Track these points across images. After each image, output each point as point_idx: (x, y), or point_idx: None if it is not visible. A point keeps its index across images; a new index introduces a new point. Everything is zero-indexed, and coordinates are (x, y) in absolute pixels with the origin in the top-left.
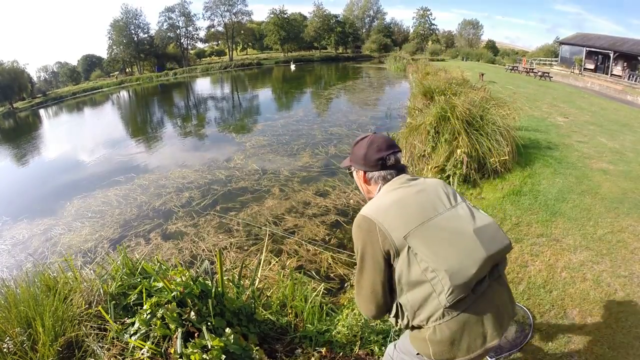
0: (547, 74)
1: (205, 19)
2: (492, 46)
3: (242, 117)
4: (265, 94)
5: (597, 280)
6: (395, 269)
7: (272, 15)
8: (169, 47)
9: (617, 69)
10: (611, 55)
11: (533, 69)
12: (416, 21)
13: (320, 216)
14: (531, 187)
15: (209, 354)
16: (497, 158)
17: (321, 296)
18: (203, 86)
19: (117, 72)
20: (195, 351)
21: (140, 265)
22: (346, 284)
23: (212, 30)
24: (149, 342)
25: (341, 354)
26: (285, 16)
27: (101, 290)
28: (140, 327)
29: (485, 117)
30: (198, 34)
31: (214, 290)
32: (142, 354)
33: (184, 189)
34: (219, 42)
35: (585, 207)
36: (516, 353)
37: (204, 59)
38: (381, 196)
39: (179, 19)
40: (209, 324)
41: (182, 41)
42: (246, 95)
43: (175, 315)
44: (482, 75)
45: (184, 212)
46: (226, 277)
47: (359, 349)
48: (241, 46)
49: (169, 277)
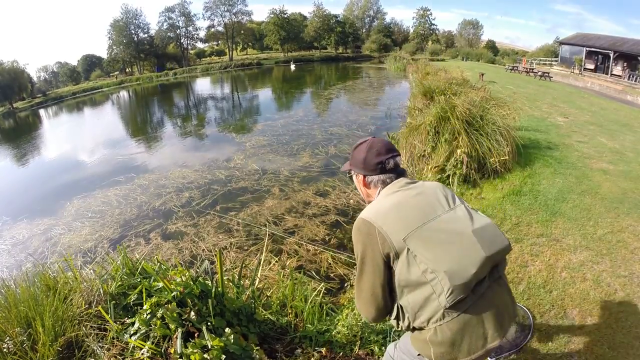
0: (547, 74)
1: (205, 19)
2: (492, 46)
3: (242, 117)
4: (265, 94)
5: (597, 280)
6: (395, 271)
7: (272, 15)
8: (169, 47)
9: (617, 69)
10: (611, 55)
11: (533, 69)
12: (416, 21)
13: (320, 216)
14: (531, 187)
15: (209, 354)
16: (497, 158)
17: (321, 296)
18: (203, 86)
19: (117, 72)
20: (195, 351)
21: (140, 265)
22: (346, 284)
23: (212, 30)
24: (149, 342)
25: (341, 354)
26: (285, 16)
27: (101, 290)
28: (140, 327)
29: (485, 117)
30: (198, 34)
31: (214, 290)
32: (142, 354)
33: (184, 189)
34: (219, 42)
35: (585, 207)
36: (516, 353)
37: (204, 59)
38: (380, 199)
39: (179, 19)
40: (209, 324)
41: (182, 41)
42: (246, 95)
43: (175, 315)
44: (482, 75)
45: (184, 212)
46: (226, 277)
47: (359, 349)
48: (241, 46)
49: (169, 277)
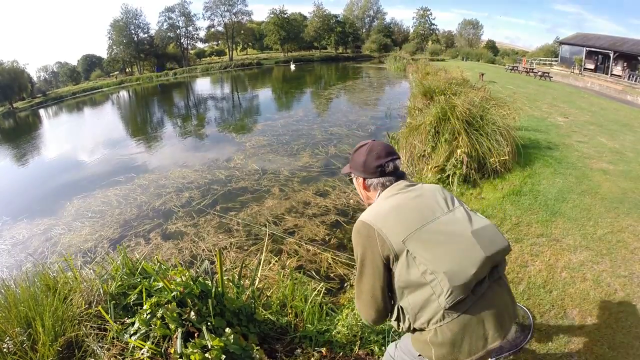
0: (547, 74)
1: (205, 19)
2: (492, 46)
3: (242, 117)
4: (265, 94)
5: (597, 280)
6: (395, 273)
7: (272, 15)
8: (169, 47)
9: (617, 69)
10: (611, 55)
11: (533, 69)
12: (416, 21)
13: (320, 216)
14: (531, 187)
15: (209, 353)
16: (497, 158)
17: (321, 296)
18: (203, 86)
19: (117, 72)
20: (195, 351)
21: (140, 265)
22: (346, 284)
23: (212, 30)
24: (149, 342)
25: (341, 354)
26: (285, 16)
27: (101, 290)
28: (140, 327)
29: (485, 117)
30: (198, 34)
31: (214, 290)
32: (142, 354)
33: (184, 188)
34: (219, 42)
35: (585, 207)
36: (516, 353)
37: (204, 59)
38: (380, 202)
39: (179, 19)
40: (209, 324)
41: (182, 41)
42: (246, 95)
43: (175, 315)
44: (482, 75)
45: (183, 212)
46: (226, 277)
47: (359, 348)
48: (241, 46)
49: (169, 277)
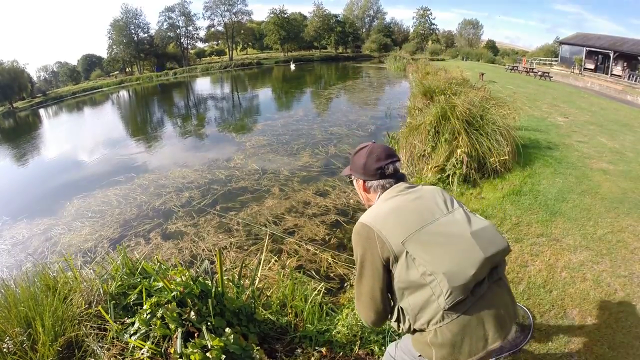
0: (547, 74)
1: (205, 19)
2: (492, 46)
3: (242, 116)
4: (265, 94)
5: (597, 280)
6: (394, 274)
7: (272, 15)
8: (169, 47)
9: (617, 69)
10: (611, 55)
11: (533, 68)
12: (416, 21)
13: (320, 216)
14: (531, 187)
15: (209, 353)
16: (497, 158)
17: (321, 296)
18: (203, 86)
19: (117, 72)
20: (195, 351)
21: (140, 265)
22: (346, 284)
23: (212, 30)
24: (148, 342)
25: (341, 353)
26: (285, 16)
27: (101, 290)
28: (140, 327)
29: (485, 117)
30: (198, 34)
31: (214, 290)
32: (142, 353)
33: (183, 188)
34: (219, 41)
35: (585, 207)
36: (516, 353)
37: (204, 58)
38: (380, 204)
39: (179, 18)
40: (209, 323)
41: (182, 41)
42: (246, 95)
43: (175, 315)
44: (482, 75)
45: (183, 212)
46: (226, 277)
47: (359, 348)
48: (241, 46)
49: (168, 277)
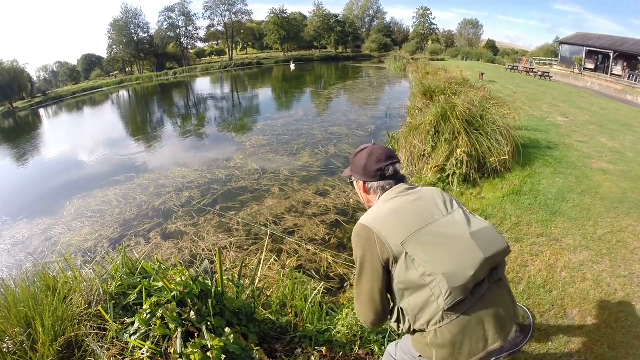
0: (547, 74)
1: (205, 19)
2: (492, 46)
3: (242, 116)
4: (265, 94)
5: (597, 280)
6: (394, 275)
7: (272, 15)
8: (168, 47)
9: (617, 69)
10: (611, 55)
11: (533, 68)
12: (416, 21)
13: (320, 216)
14: (531, 186)
15: (209, 353)
16: (497, 158)
17: (321, 296)
18: (203, 86)
19: (116, 72)
20: (195, 351)
21: (140, 264)
22: (346, 284)
23: (212, 29)
24: (148, 342)
25: (341, 353)
26: (285, 16)
27: (101, 290)
28: (140, 327)
29: (485, 117)
30: (198, 34)
31: (213, 290)
32: (142, 353)
33: (183, 188)
34: (219, 41)
35: (585, 207)
36: (516, 353)
37: (203, 58)
38: (379, 205)
39: (178, 18)
40: (209, 323)
41: (182, 41)
42: (246, 95)
43: (175, 315)
44: (482, 74)
45: (183, 212)
46: (226, 277)
47: (359, 348)
48: (241, 46)
49: (168, 277)
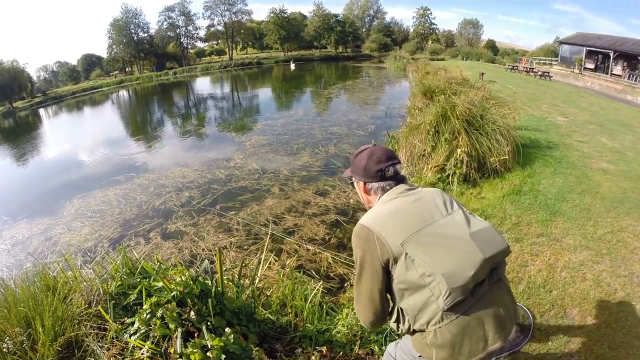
0: (547, 74)
1: (205, 18)
2: (492, 45)
3: (242, 116)
4: (265, 93)
5: (597, 280)
6: (394, 275)
7: (272, 15)
8: (168, 47)
9: (617, 69)
10: (611, 54)
11: (533, 68)
12: (416, 20)
13: (320, 215)
14: (531, 186)
15: (209, 353)
16: (497, 157)
17: (321, 295)
18: (203, 85)
19: (116, 72)
20: (195, 351)
21: (140, 264)
22: (346, 284)
23: (212, 29)
24: (148, 342)
25: (341, 353)
26: (285, 15)
27: (101, 290)
28: (140, 326)
29: (485, 117)
30: (198, 34)
31: (213, 290)
32: (142, 353)
33: (183, 188)
34: (219, 41)
35: (585, 207)
36: (516, 353)
37: (203, 58)
38: (379, 206)
39: (178, 18)
40: (209, 323)
41: (182, 40)
42: (246, 95)
43: (175, 315)
44: (482, 74)
45: (183, 212)
46: (226, 277)
47: (359, 348)
48: (241, 45)
49: (168, 277)
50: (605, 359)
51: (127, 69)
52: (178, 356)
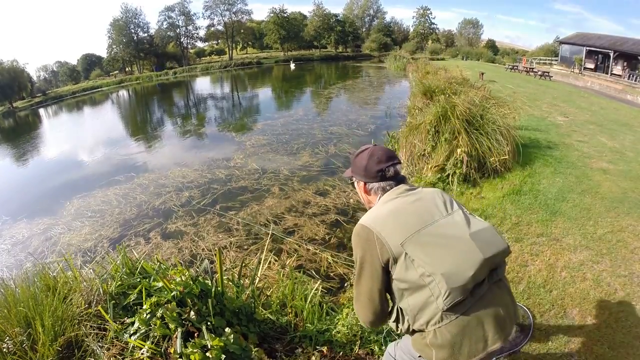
0: (547, 73)
1: (205, 18)
2: (492, 45)
3: (242, 116)
4: (265, 93)
5: (597, 280)
6: (393, 275)
7: (272, 15)
8: (168, 46)
9: (617, 69)
10: (611, 54)
11: (533, 68)
12: (416, 20)
13: (320, 215)
14: (531, 186)
15: (209, 353)
16: (497, 157)
17: (321, 295)
18: (203, 85)
19: (116, 72)
20: (195, 351)
21: (140, 264)
22: (346, 284)
23: (212, 29)
24: (148, 342)
25: (341, 353)
26: (285, 15)
27: (101, 290)
28: (140, 326)
29: (485, 117)
30: (198, 33)
31: (213, 290)
32: (142, 353)
33: (183, 188)
34: (219, 41)
35: (585, 207)
36: (516, 353)
37: (203, 58)
38: (379, 206)
39: (178, 18)
40: (209, 323)
41: (181, 40)
42: (246, 95)
43: (175, 314)
44: (482, 74)
45: (183, 212)
46: (226, 277)
47: (359, 348)
48: (241, 45)
49: (168, 277)
50: (605, 358)
51: (127, 69)
52: (178, 356)
